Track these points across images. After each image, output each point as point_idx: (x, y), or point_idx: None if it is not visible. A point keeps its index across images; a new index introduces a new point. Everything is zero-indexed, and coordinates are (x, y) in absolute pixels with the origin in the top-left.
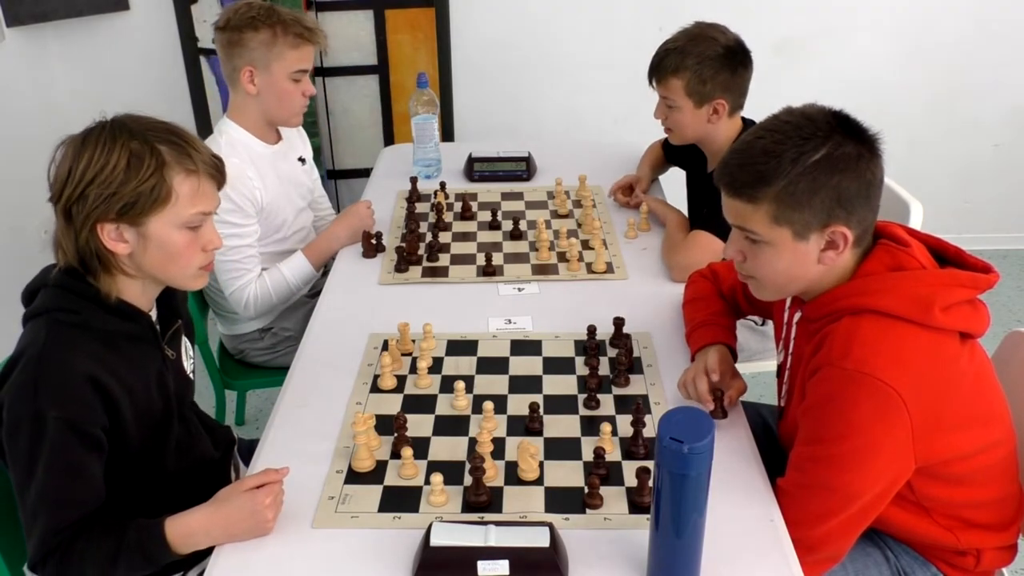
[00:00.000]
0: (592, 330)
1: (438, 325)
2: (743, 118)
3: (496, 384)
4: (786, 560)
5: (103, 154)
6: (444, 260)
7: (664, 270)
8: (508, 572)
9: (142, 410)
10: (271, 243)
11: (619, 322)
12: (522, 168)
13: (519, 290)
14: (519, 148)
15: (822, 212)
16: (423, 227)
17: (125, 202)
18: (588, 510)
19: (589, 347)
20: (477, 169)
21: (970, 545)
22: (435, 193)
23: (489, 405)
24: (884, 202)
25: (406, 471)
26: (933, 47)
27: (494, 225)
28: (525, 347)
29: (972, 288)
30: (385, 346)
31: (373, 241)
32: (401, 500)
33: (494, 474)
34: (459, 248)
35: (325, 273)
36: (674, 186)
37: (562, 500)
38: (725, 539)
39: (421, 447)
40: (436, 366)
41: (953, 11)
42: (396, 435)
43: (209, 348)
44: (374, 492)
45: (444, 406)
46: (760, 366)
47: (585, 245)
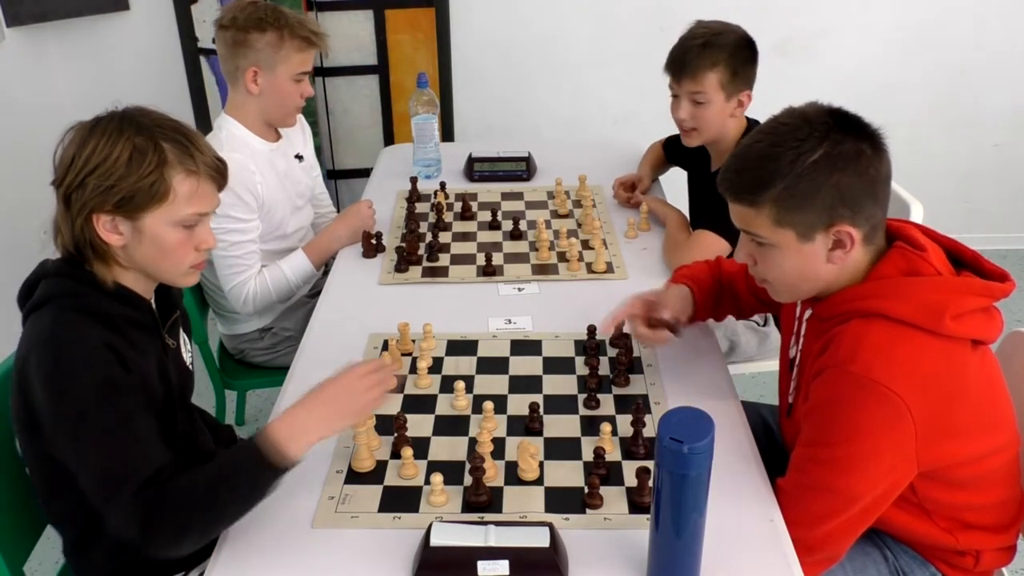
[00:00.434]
0: (592, 330)
1: (438, 325)
2: (747, 117)
3: (496, 384)
4: (786, 560)
5: (107, 145)
6: (444, 260)
7: (665, 270)
8: (508, 572)
9: (149, 395)
10: (270, 240)
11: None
12: (522, 168)
13: (519, 290)
14: (519, 148)
15: (824, 212)
16: (423, 227)
17: (123, 195)
18: (588, 510)
19: (589, 347)
20: (477, 169)
21: (969, 546)
22: (435, 193)
23: (489, 405)
24: None
25: (406, 471)
26: (934, 47)
27: (494, 225)
28: (525, 347)
29: (986, 297)
30: (385, 346)
31: (373, 241)
32: (401, 500)
33: (494, 474)
34: (459, 248)
35: (325, 273)
36: (675, 186)
37: (562, 500)
38: (725, 539)
39: (421, 447)
40: (436, 366)
41: (953, 11)
42: (396, 435)
43: (209, 348)
44: (374, 492)
45: (444, 406)
46: (760, 366)
47: (585, 245)
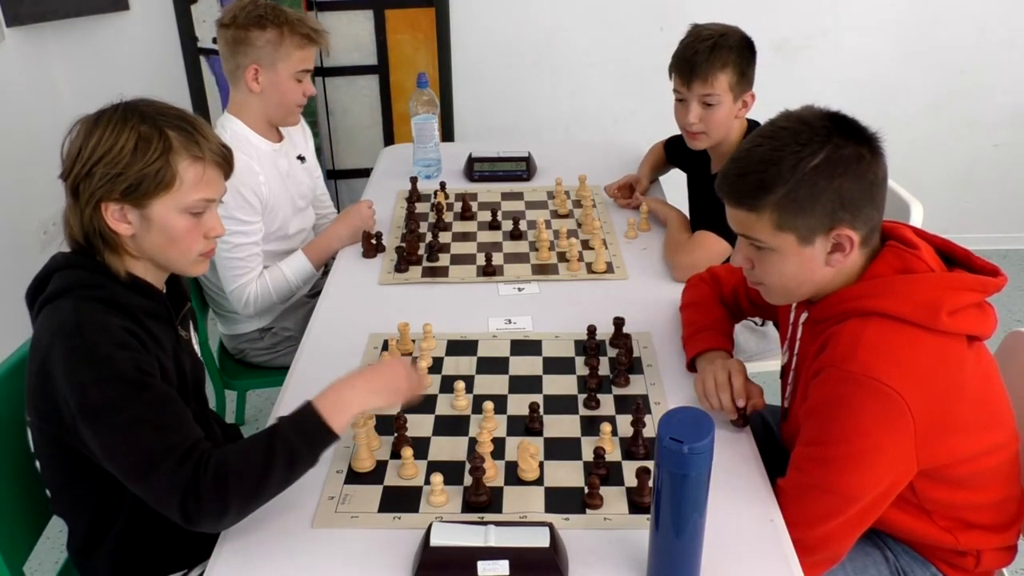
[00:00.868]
0: (592, 330)
1: (438, 325)
2: (747, 118)
3: (496, 384)
4: (786, 560)
5: (112, 134)
6: (444, 260)
7: (664, 270)
8: (508, 572)
9: (169, 384)
10: (272, 241)
11: (619, 322)
12: (522, 168)
13: (519, 290)
14: (519, 148)
15: (825, 216)
16: (423, 227)
17: (130, 183)
18: (588, 510)
19: (589, 347)
20: (477, 169)
21: (970, 546)
22: (435, 193)
23: (489, 405)
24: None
25: (406, 471)
26: (933, 47)
27: (494, 225)
28: (525, 347)
29: (980, 292)
30: (385, 346)
31: (373, 241)
32: (401, 500)
33: (494, 474)
34: (459, 248)
35: (325, 273)
36: (675, 186)
37: (562, 500)
38: (725, 539)
39: (421, 447)
40: (436, 366)
41: (953, 11)
42: (396, 435)
43: (209, 348)
44: (374, 492)
45: (444, 406)
46: (760, 366)
47: (585, 245)
